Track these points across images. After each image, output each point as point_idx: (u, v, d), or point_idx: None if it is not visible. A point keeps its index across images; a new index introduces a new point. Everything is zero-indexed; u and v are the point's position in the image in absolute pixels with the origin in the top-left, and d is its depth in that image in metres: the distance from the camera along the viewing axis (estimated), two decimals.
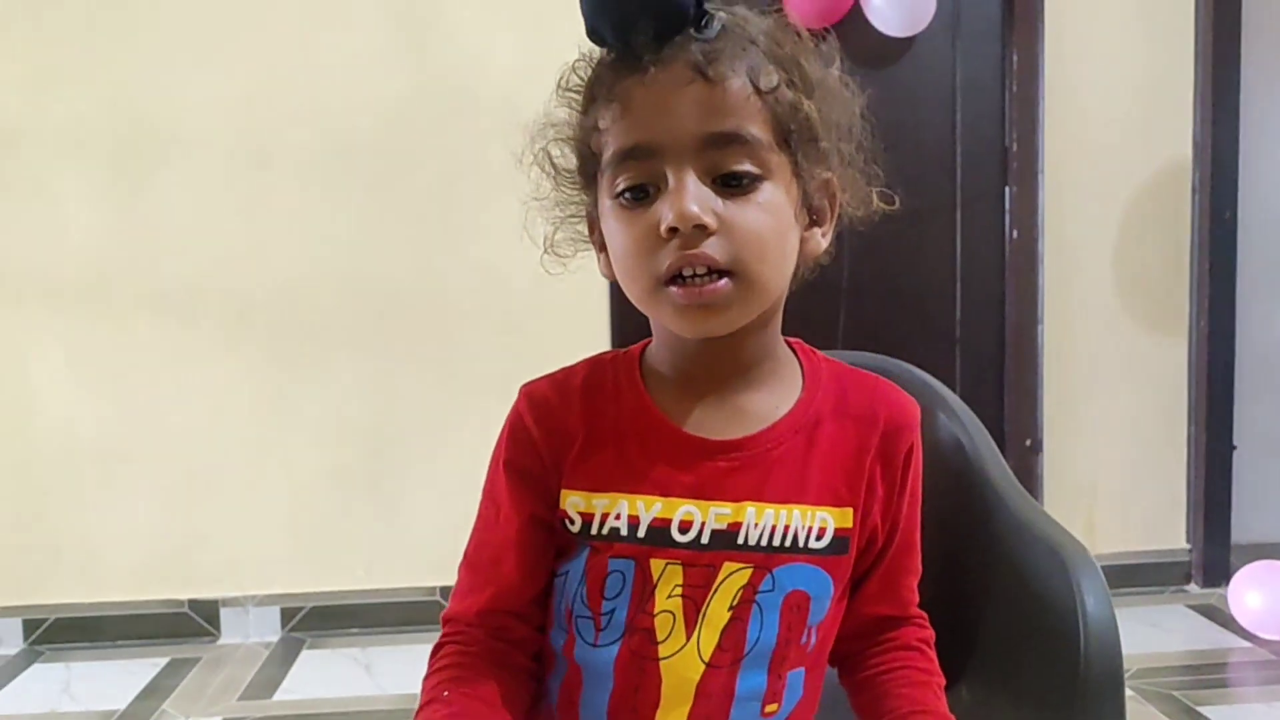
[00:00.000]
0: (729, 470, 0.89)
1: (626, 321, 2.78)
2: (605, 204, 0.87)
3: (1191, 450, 3.11)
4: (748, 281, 0.84)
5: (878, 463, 0.94)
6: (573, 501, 0.90)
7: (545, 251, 0.96)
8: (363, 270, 2.84)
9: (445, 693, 0.88)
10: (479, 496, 0.97)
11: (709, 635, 0.87)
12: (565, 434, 0.91)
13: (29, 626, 2.88)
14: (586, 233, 0.96)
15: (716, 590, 0.87)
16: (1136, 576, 3.07)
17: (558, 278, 0.97)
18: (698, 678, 0.88)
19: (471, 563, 0.95)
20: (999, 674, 1.44)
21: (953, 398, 1.67)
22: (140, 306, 2.84)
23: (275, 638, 2.89)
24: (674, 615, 0.88)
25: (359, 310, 2.86)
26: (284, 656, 2.77)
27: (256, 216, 2.85)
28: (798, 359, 0.97)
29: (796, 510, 0.89)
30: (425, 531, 2.86)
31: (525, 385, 0.96)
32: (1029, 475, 2.97)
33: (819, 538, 0.90)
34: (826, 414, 0.93)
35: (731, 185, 0.82)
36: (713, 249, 0.82)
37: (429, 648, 0.95)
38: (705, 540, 0.87)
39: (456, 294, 2.86)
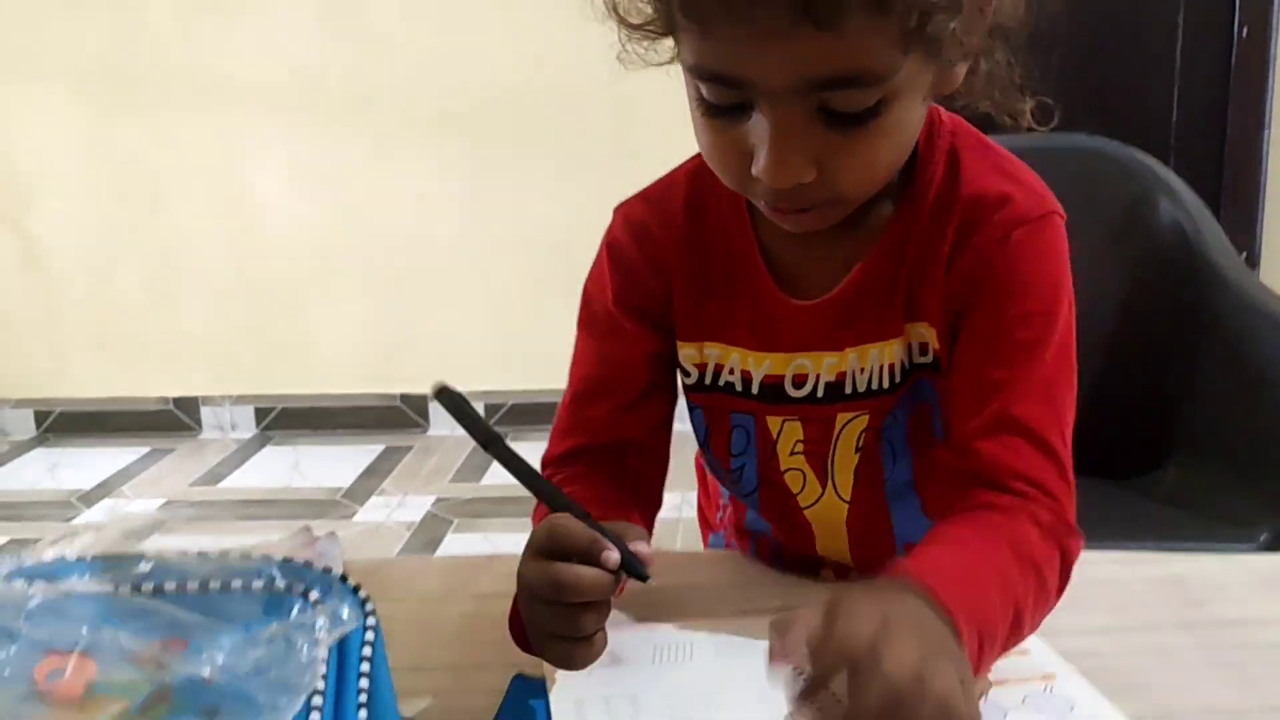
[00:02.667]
0: (835, 320, 0.79)
1: None
2: (686, 82, 0.70)
3: None
4: (853, 201, 0.72)
5: (955, 264, 0.76)
6: (686, 354, 0.85)
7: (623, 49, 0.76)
8: (565, 80, 2.87)
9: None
10: None
11: (844, 479, 0.84)
12: (668, 269, 0.83)
13: (260, 414, 3.14)
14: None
15: (838, 440, 0.83)
16: None
17: None
18: (844, 517, 0.86)
19: (577, 398, 0.88)
20: (1209, 455, 1.42)
21: (1176, 181, 1.60)
22: (350, 114, 2.95)
23: None
24: (803, 472, 0.85)
25: (559, 119, 2.90)
26: None
27: (460, 23, 2.89)
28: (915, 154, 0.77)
29: (896, 344, 0.78)
30: None
31: (620, 206, 0.87)
32: None
33: (923, 353, 0.79)
34: (924, 223, 0.77)
35: (846, 121, 0.65)
36: (812, 192, 0.68)
37: None
38: (820, 394, 0.82)
39: (652, 106, 2.86)
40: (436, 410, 3.08)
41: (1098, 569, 0.87)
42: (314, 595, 0.67)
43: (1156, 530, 1.35)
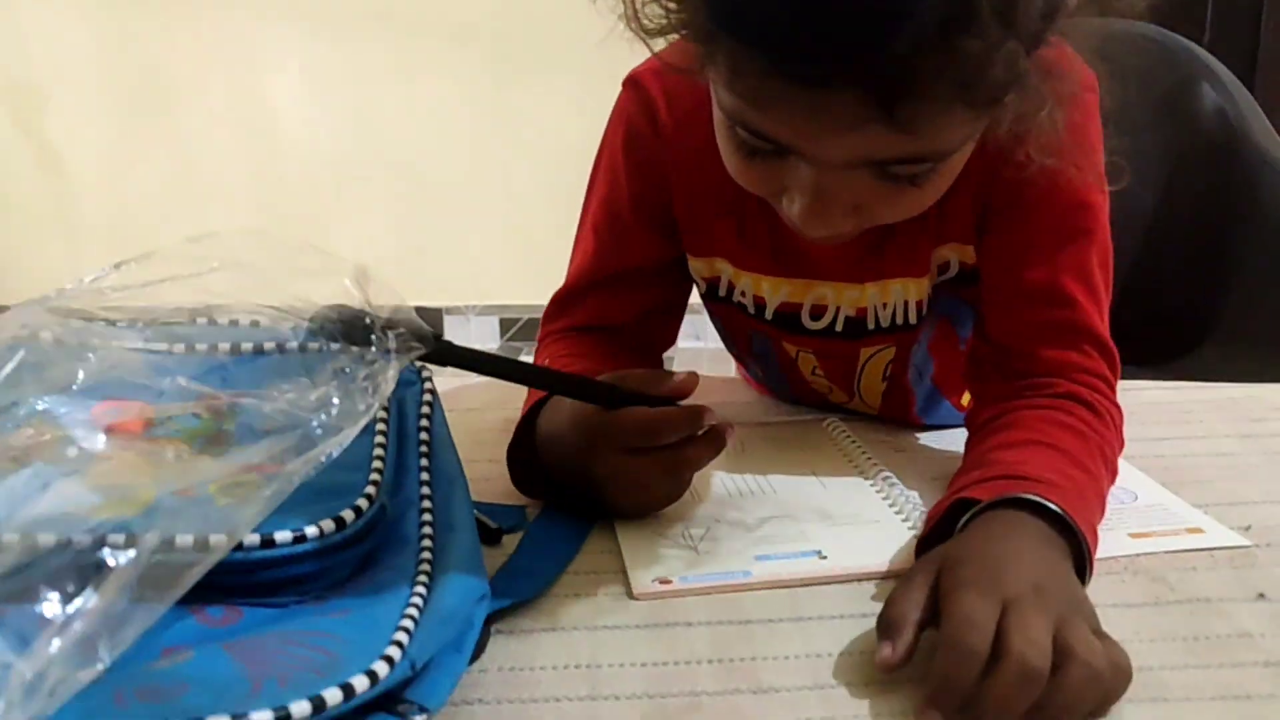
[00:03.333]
0: (864, 247, 0.72)
1: None
2: (713, 91, 0.62)
3: None
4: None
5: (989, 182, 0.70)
6: (694, 266, 0.79)
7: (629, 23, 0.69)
8: None
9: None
10: None
11: (871, 398, 0.82)
12: (674, 172, 0.76)
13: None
14: None
15: (863, 370, 0.79)
16: None
17: None
18: (876, 411, 0.83)
19: (571, 292, 0.83)
20: (1251, 331, 1.41)
21: (1218, 65, 1.58)
22: (368, 20, 2.92)
23: (495, 346, 3.05)
24: (829, 385, 0.82)
25: (580, 26, 2.86)
26: None
27: None
28: None
29: (925, 280, 0.74)
30: None
31: (632, 78, 0.77)
32: None
33: (944, 271, 0.74)
34: None
35: (899, 179, 0.59)
36: (847, 232, 0.63)
37: None
38: (840, 328, 0.77)
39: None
40: (451, 323, 3.07)
41: (1154, 393, 0.86)
42: (372, 352, 0.67)
43: None
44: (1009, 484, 0.58)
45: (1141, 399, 0.84)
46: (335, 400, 0.55)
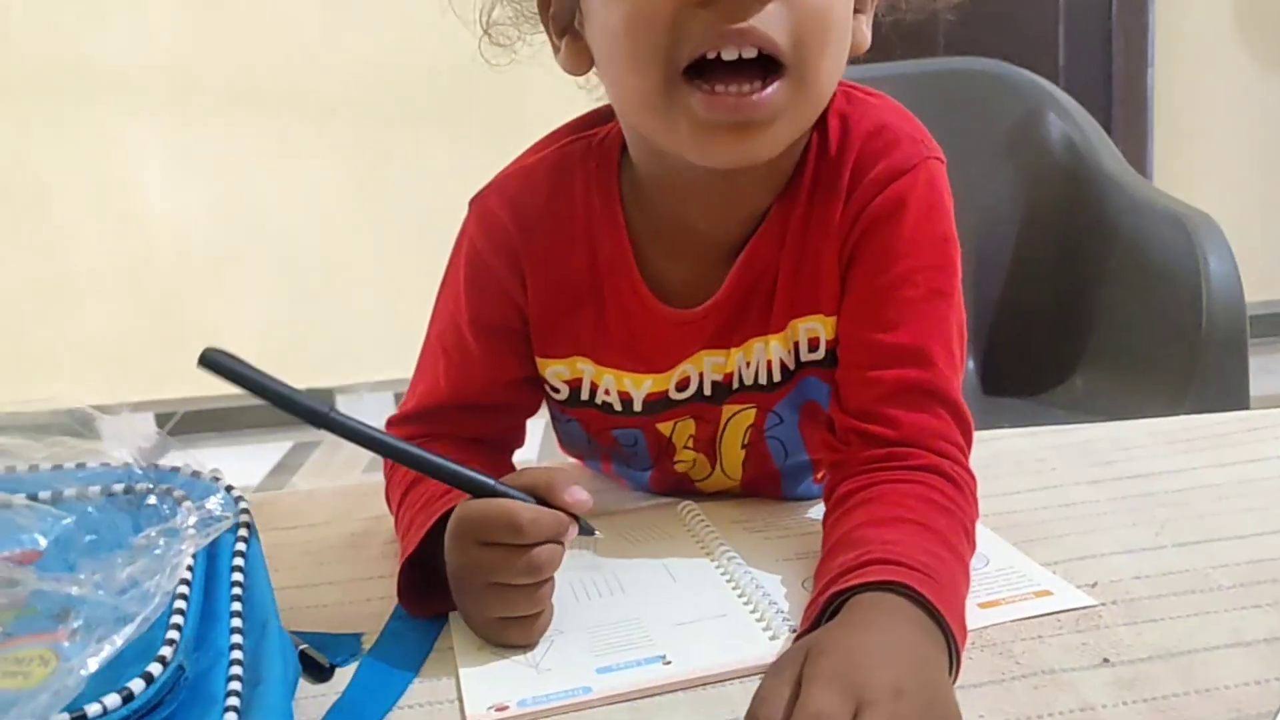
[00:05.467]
0: (719, 325, 0.72)
1: None
2: None
3: None
4: (805, 83, 0.62)
5: (850, 247, 0.70)
6: (554, 371, 0.76)
7: (484, 33, 0.74)
8: (444, 55, 2.82)
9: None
10: None
11: (732, 466, 0.80)
12: (528, 273, 0.74)
13: (160, 420, 3.03)
14: (535, 8, 0.72)
15: (723, 434, 0.78)
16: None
17: None
18: (739, 485, 0.81)
19: (421, 412, 0.78)
20: (1115, 356, 1.43)
21: (1061, 95, 1.61)
22: (233, 104, 2.87)
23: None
24: (697, 458, 0.80)
25: (443, 94, 2.85)
26: None
27: (334, 7, 2.83)
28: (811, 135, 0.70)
29: (777, 340, 0.72)
30: None
31: (476, 200, 0.76)
32: None
33: (812, 349, 0.73)
34: (803, 207, 0.70)
35: None
36: (769, 22, 0.60)
37: None
38: (708, 392, 0.75)
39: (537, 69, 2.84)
40: (344, 400, 3.01)
41: (1004, 443, 0.86)
42: (179, 493, 0.63)
43: None
44: (883, 569, 0.56)
45: (996, 449, 0.83)
46: (134, 577, 0.51)
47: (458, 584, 0.62)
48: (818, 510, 0.78)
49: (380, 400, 3.00)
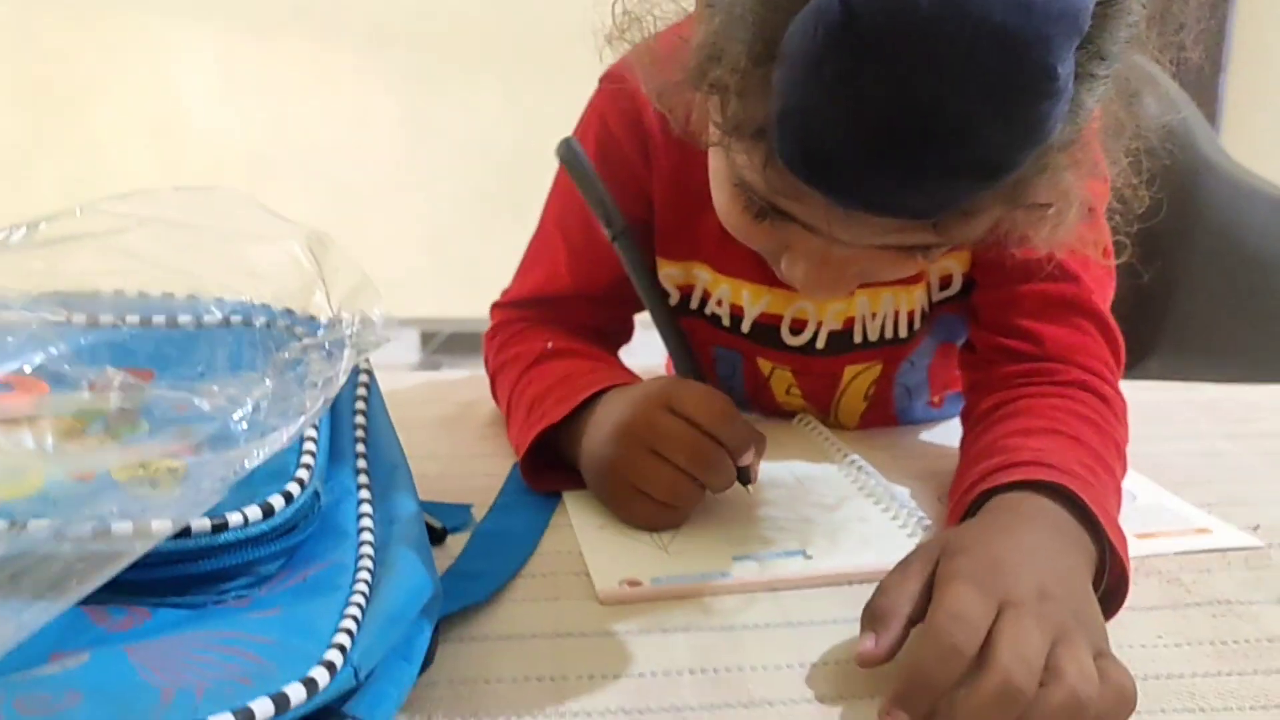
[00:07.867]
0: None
1: None
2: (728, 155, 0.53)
3: None
4: None
5: None
6: (667, 274, 0.72)
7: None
8: None
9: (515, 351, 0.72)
10: None
11: (848, 418, 0.76)
12: (656, 160, 0.70)
13: None
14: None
15: (843, 393, 0.74)
16: None
17: None
18: (854, 427, 0.77)
19: (537, 298, 0.76)
20: (1195, 340, 1.39)
21: (1161, 74, 1.57)
22: (285, 25, 2.82)
23: (415, 360, 2.95)
24: (803, 405, 0.75)
25: (502, 29, 2.80)
26: None
27: None
28: None
29: (918, 290, 0.68)
30: None
31: (609, 76, 0.70)
32: None
33: (943, 286, 0.69)
34: None
35: (910, 250, 0.53)
36: (845, 293, 0.58)
37: None
38: (821, 345, 0.71)
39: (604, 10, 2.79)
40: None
41: (1134, 394, 0.82)
42: (302, 332, 0.60)
43: None
44: (1033, 469, 0.52)
45: (1127, 399, 0.80)
46: (268, 393, 0.47)
47: (620, 443, 0.58)
48: (938, 433, 0.75)
49: (407, 335, 2.96)
